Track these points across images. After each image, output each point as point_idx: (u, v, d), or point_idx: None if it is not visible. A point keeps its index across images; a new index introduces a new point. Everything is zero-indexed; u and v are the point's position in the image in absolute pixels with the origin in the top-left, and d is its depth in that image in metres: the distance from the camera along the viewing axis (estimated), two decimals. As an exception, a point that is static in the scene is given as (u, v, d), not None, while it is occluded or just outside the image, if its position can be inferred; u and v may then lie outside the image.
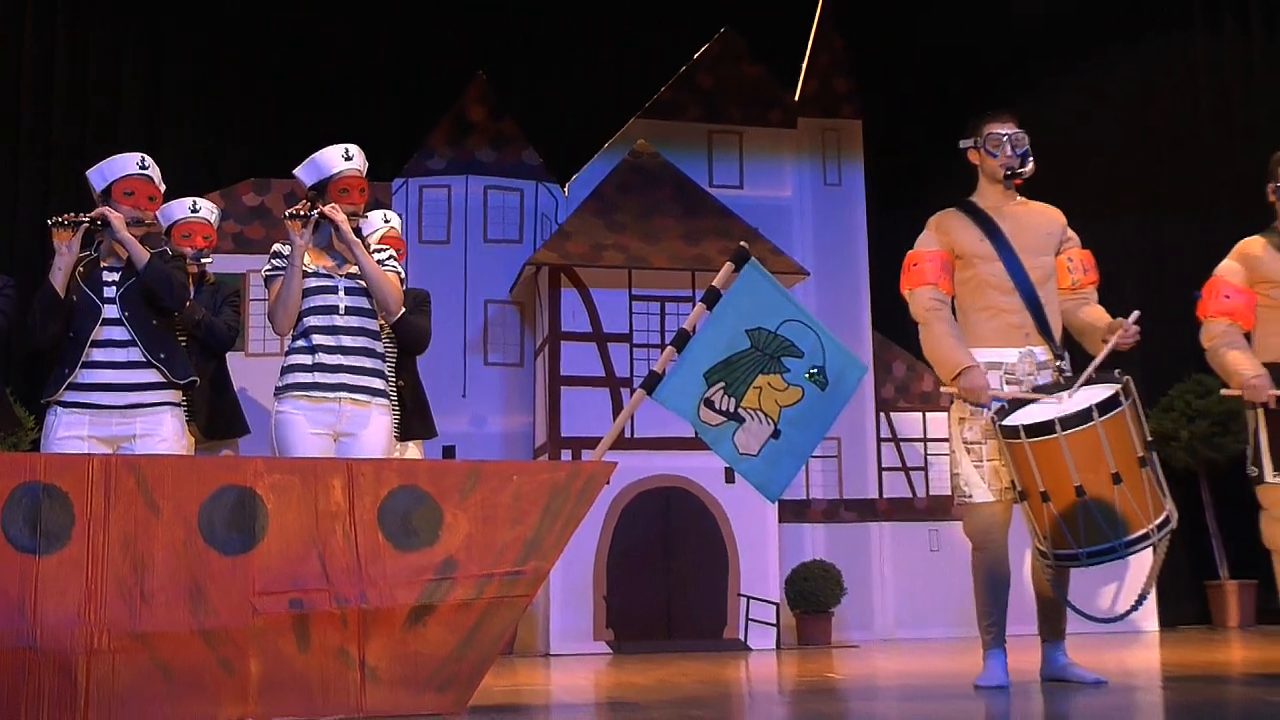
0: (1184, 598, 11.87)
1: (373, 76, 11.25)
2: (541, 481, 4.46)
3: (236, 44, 11.22)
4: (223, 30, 11.20)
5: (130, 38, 11.15)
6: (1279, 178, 5.45)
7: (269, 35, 11.19)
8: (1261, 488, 5.32)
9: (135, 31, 11.15)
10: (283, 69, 11.14)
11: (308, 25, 11.21)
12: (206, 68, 11.27)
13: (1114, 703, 4.30)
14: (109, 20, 11.04)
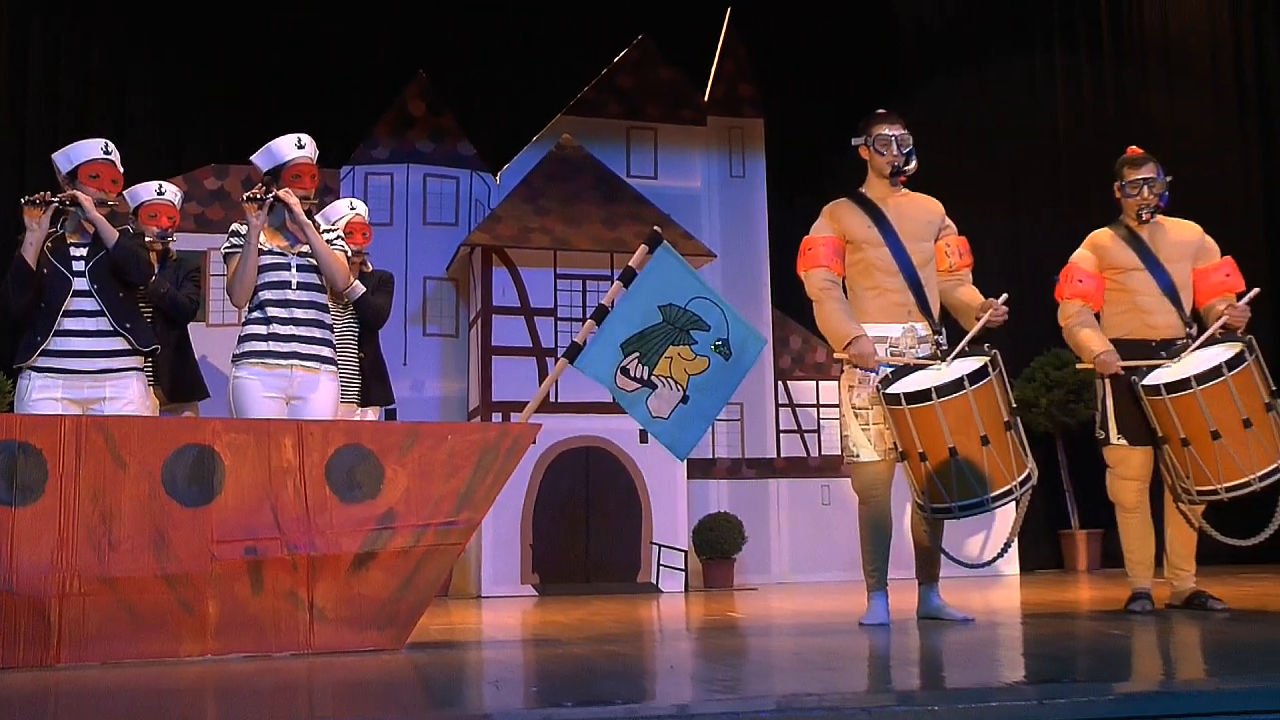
0: (1041, 545, 12.03)
1: (324, 72, 11.11)
2: (473, 441, 4.46)
3: (199, 41, 11.05)
4: (186, 28, 11.02)
5: (98, 37, 10.96)
6: (1124, 177, 5.54)
7: (229, 34, 11.03)
8: (1108, 449, 5.43)
9: (103, 30, 10.97)
10: (242, 65, 11.00)
11: (265, 25, 11.07)
12: (171, 62, 11.10)
13: (980, 637, 4.36)
14: (79, 19, 10.84)
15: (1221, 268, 5.53)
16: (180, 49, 11.08)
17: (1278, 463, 4.96)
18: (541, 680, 3.44)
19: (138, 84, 11.08)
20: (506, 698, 3.00)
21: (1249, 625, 4.49)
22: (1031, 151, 12.97)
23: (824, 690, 2.79)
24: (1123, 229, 5.55)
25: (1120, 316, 5.46)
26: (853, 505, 5.22)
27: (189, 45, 11.07)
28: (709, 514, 10.66)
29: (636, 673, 3.56)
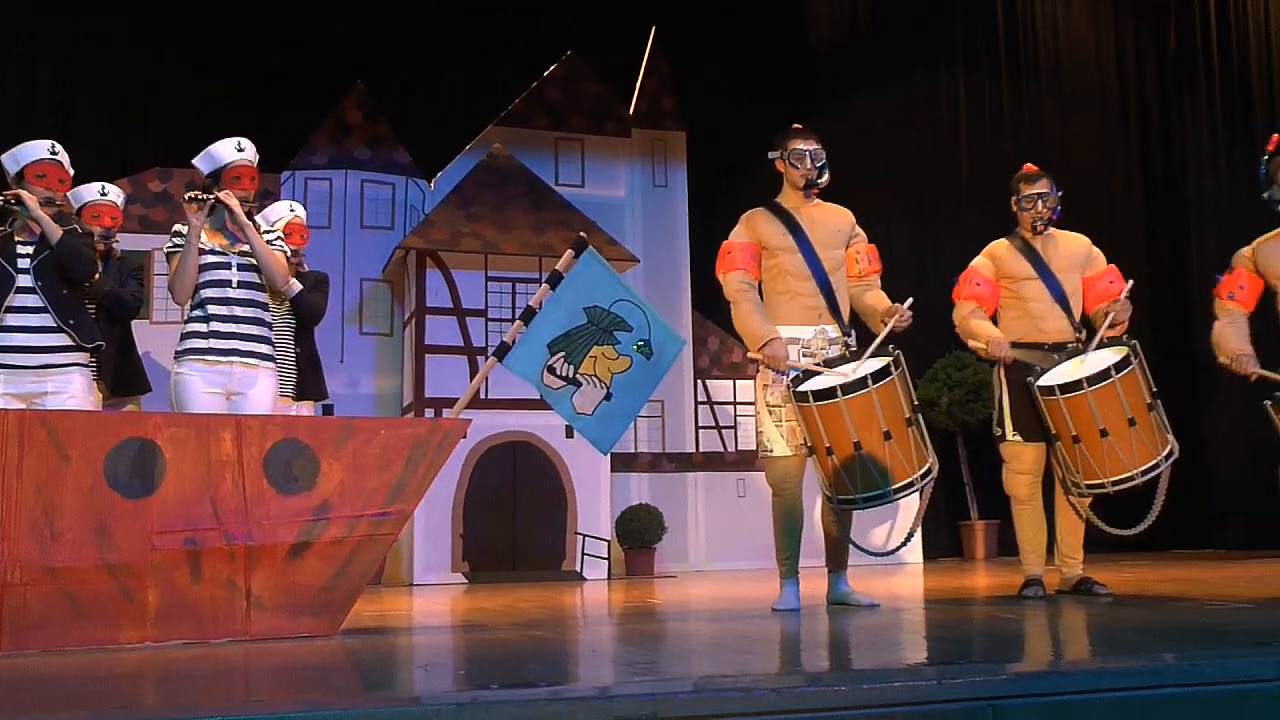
0: (942, 535, 12.20)
1: (267, 81, 10.99)
2: (405, 435, 4.41)
3: (147, 47, 10.88)
4: (134, 34, 10.85)
5: (44, 41, 10.76)
6: (1020, 192, 5.61)
7: (177, 42, 10.88)
8: (1004, 445, 5.50)
9: (49, 34, 10.76)
10: (188, 73, 10.87)
11: (211, 34, 10.93)
12: (118, 68, 10.93)
13: (885, 621, 4.39)
14: (24, 22, 10.62)
15: (1106, 275, 5.63)
16: (127, 54, 10.92)
17: (1157, 459, 5.05)
18: (469, 664, 3.41)
19: (84, 88, 10.88)
20: (435, 681, 2.98)
21: (1130, 609, 4.57)
22: (936, 164, 13.15)
23: (738, 672, 2.79)
24: (1018, 240, 5.62)
25: (1015, 322, 5.53)
26: (766, 497, 5.24)
27: (136, 51, 10.92)
28: (630, 505, 10.68)
29: (560, 656, 3.55)
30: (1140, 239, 13.36)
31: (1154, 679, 2.56)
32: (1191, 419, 11.83)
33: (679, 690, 2.36)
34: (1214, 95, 12.74)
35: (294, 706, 2.27)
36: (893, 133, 13.04)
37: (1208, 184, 12.62)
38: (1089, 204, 12.35)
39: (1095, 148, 13.59)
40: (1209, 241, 12.43)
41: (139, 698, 2.85)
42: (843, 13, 13.22)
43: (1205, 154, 12.69)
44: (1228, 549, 11.54)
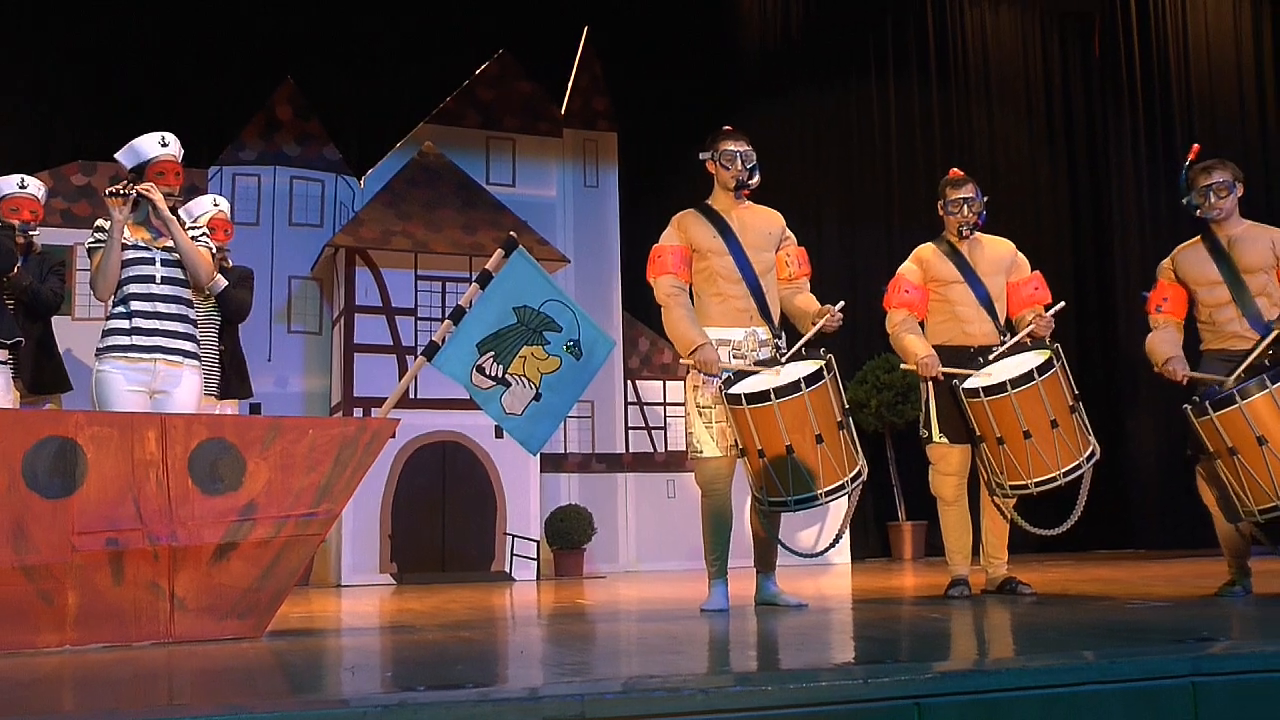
0: (870, 536, 12.31)
1: (194, 75, 10.84)
2: (333, 435, 4.37)
3: (70, 38, 10.68)
4: (57, 25, 10.64)
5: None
6: (947, 197, 5.68)
7: (102, 33, 10.69)
8: (930, 446, 5.56)
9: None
10: (114, 64, 10.69)
11: (137, 26, 10.76)
12: (40, 59, 10.71)
13: (813, 622, 4.42)
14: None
15: (1031, 281, 5.71)
16: (50, 46, 10.72)
17: (1079, 460, 5.14)
18: (397, 666, 3.39)
19: (5, 79, 10.66)
20: (362, 683, 2.95)
21: (1052, 608, 4.64)
22: (865, 168, 13.27)
23: (666, 673, 2.80)
24: (945, 244, 5.68)
25: (941, 325, 5.60)
26: (696, 498, 5.25)
27: (59, 42, 10.72)
28: (560, 506, 10.66)
29: (489, 658, 3.54)
30: (1065, 244, 13.59)
31: (1074, 677, 2.61)
32: (1114, 421, 12.06)
33: (607, 691, 2.37)
34: (1137, 105, 12.98)
35: (217, 710, 2.25)
36: (823, 136, 13.17)
37: (1131, 191, 12.86)
38: (1015, 210, 12.56)
39: (1022, 154, 13.81)
40: (1132, 248, 12.68)
41: (57, 703, 2.80)
42: (774, 16, 13.30)
43: (1128, 162, 12.93)
44: (1147, 548, 11.77)
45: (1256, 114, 12.70)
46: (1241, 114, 12.70)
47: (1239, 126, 12.56)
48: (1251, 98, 12.75)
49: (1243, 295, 5.13)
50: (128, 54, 10.72)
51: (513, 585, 9.21)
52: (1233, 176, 5.23)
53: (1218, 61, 12.89)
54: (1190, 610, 4.29)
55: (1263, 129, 12.63)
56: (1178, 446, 5.41)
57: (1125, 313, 12.45)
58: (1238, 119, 12.65)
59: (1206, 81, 12.85)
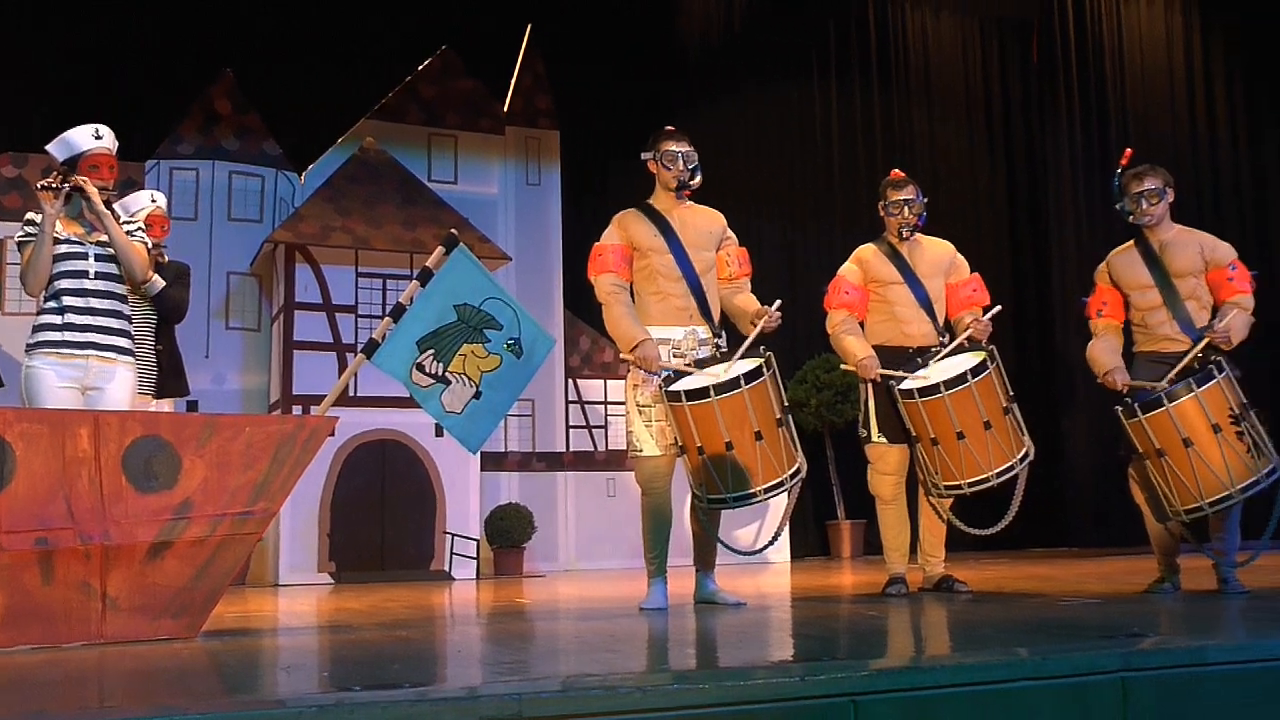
0: (809, 534, 12.38)
1: (130, 66, 10.68)
2: (271, 433, 4.33)
3: (2, 27, 10.48)
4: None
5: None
6: (887, 198, 5.72)
7: (35, 22, 10.50)
8: (869, 446, 5.60)
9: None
10: (45, 53, 10.49)
11: (71, 16, 10.58)
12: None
13: (752, 620, 4.44)
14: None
15: (970, 283, 5.76)
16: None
17: (1012, 461, 5.20)
18: (334, 665, 3.37)
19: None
20: (298, 683, 2.93)
21: (988, 605, 4.69)
22: (807, 169, 13.35)
23: (604, 671, 2.80)
24: (885, 245, 5.73)
25: (881, 325, 5.64)
26: (636, 497, 5.26)
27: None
28: (500, 504, 10.63)
29: (427, 657, 3.52)
30: (1004, 247, 13.74)
31: (1008, 673, 2.64)
32: (1050, 422, 12.21)
33: (546, 689, 2.36)
34: (1073, 110, 13.16)
35: (149, 711, 2.22)
36: (765, 137, 13.22)
37: (1067, 194, 13.03)
38: (955, 212, 12.69)
39: (962, 157, 13.96)
40: (1069, 251, 12.84)
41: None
42: (717, 17, 13.34)
43: (1065, 165, 13.10)
44: (1081, 547, 11.93)
45: (1187, 120, 12.92)
46: (1173, 120, 12.91)
47: (1170, 132, 12.78)
48: (1182, 105, 12.97)
49: (1173, 299, 5.22)
50: (60, 43, 10.54)
51: (452, 584, 9.18)
52: (1164, 183, 5.32)
53: (1150, 69, 13.11)
54: (1121, 607, 4.36)
55: (1193, 135, 12.85)
56: (1111, 447, 5.49)
57: (1062, 315, 12.62)
58: (1169, 125, 12.86)
59: (1140, 88, 13.06)
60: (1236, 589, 4.92)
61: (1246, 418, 4.83)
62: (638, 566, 5.70)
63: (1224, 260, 5.28)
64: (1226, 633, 3.38)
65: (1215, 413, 4.79)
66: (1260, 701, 2.80)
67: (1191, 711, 2.73)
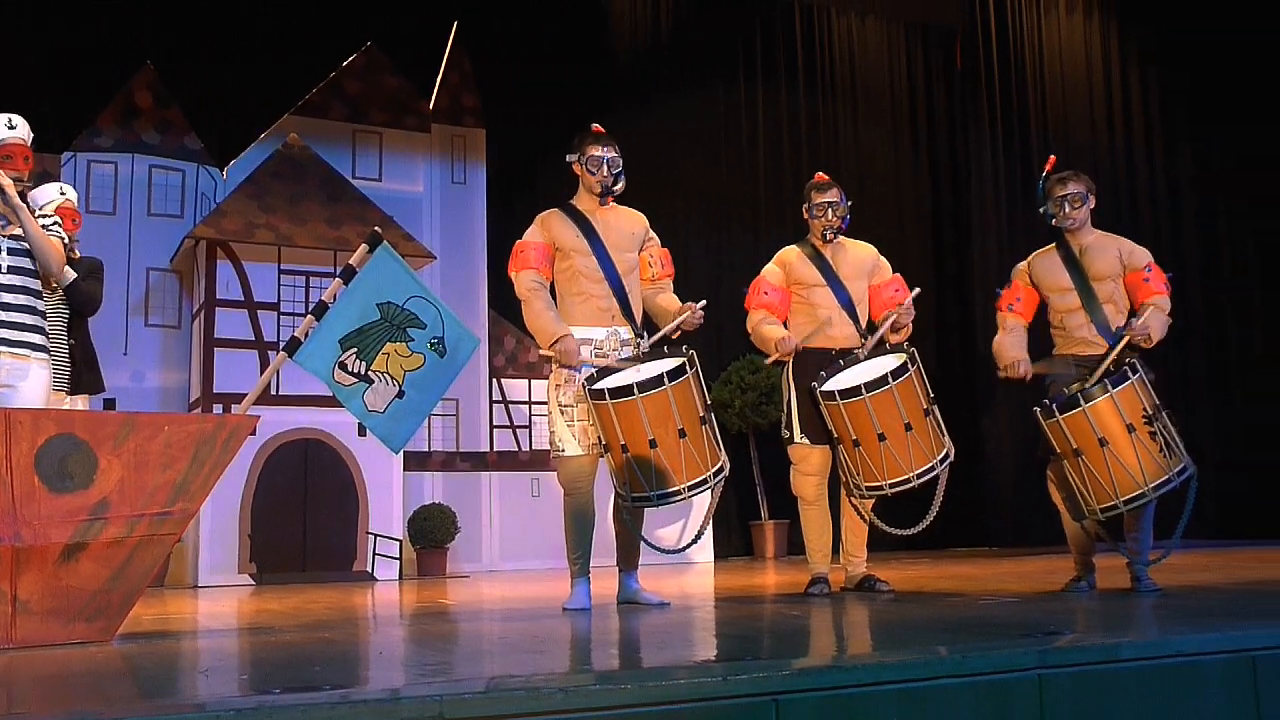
0: (733, 534, 12.44)
1: (47, 56, 10.46)
2: (190, 432, 4.25)
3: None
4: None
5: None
6: (811, 200, 5.76)
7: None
8: (792, 447, 5.64)
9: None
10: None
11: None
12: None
13: (675, 620, 4.45)
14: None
15: (892, 284, 5.82)
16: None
17: (933, 462, 5.26)
18: (254, 668, 3.32)
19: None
20: (217, 686, 2.89)
21: (909, 604, 4.75)
22: (732, 171, 13.41)
23: (527, 672, 2.79)
24: (809, 247, 5.77)
25: (804, 327, 5.67)
26: (559, 497, 5.25)
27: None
28: (423, 505, 10.57)
29: (348, 659, 3.49)
30: (927, 251, 13.92)
31: (928, 671, 2.67)
32: (971, 423, 12.38)
33: (468, 691, 2.35)
34: (996, 116, 13.36)
35: (62, 717, 2.17)
36: (691, 138, 13.27)
37: (990, 199, 13.22)
38: (879, 215, 12.82)
39: (886, 161, 14.11)
40: (990, 255, 13.03)
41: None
42: (644, 18, 13.36)
43: (987, 170, 13.29)
44: (1001, 546, 12.11)
45: (1105, 128, 13.16)
46: (1093, 127, 13.15)
47: (1089, 140, 13.02)
48: (1100, 113, 13.22)
49: (1092, 302, 5.31)
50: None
51: (375, 585, 9.10)
52: (1086, 188, 5.41)
53: (1070, 78, 13.35)
54: (1038, 605, 4.43)
55: (1110, 143, 13.11)
56: (1030, 448, 5.58)
57: (983, 317, 12.78)
58: (1088, 133, 13.10)
59: (1060, 95, 13.29)
60: (1149, 587, 5.03)
61: (1159, 418, 4.93)
62: (561, 567, 5.69)
63: (1140, 263, 5.38)
64: (1139, 630, 3.45)
65: (1130, 413, 4.88)
66: (1171, 697, 2.86)
67: (1106, 707, 2.78)
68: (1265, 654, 2.97)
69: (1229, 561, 7.38)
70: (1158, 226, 12.67)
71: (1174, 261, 11.43)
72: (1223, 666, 2.93)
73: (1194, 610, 4.03)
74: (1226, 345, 12.37)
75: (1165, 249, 11.80)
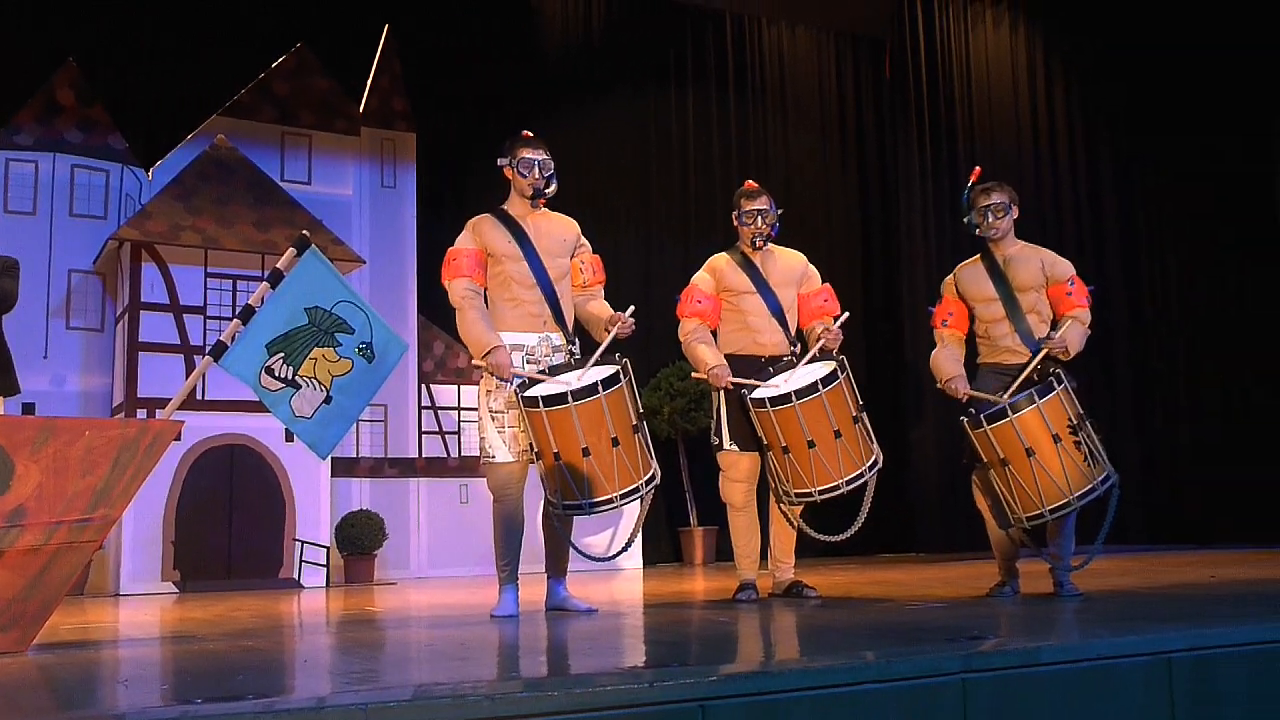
0: (662, 541, 12.45)
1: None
2: (112, 437, 4.18)
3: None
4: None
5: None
6: (741, 208, 5.80)
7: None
8: (721, 454, 5.67)
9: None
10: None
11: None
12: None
13: (603, 626, 4.45)
14: None
15: (821, 293, 5.87)
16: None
17: (861, 469, 5.32)
18: (176, 677, 3.27)
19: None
20: (137, 696, 2.84)
21: (836, 610, 4.78)
22: (663, 178, 13.45)
23: (454, 679, 2.78)
24: (738, 255, 5.81)
25: (734, 334, 5.71)
26: (488, 504, 5.24)
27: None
28: (351, 511, 10.47)
29: (273, 668, 3.45)
30: (855, 259, 14.05)
31: (854, 676, 2.70)
32: (898, 430, 12.50)
33: (395, 699, 2.34)
34: (924, 126, 13.50)
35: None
36: (622, 144, 13.28)
37: (917, 208, 13.35)
38: (808, 223, 12.93)
39: (815, 169, 14.22)
40: (918, 263, 13.17)
41: None
42: (576, 23, 13.35)
43: (915, 180, 13.42)
44: (928, 552, 12.23)
45: (1030, 140, 13.36)
46: (1017, 139, 13.34)
47: (1014, 151, 13.20)
48: (1026, 125, 13.41)
49: (1016, 312, 5.40)
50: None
51: (301, 592, 9.01)
52: (1009, 199, 5.50)
53: (996, 89, 13.53)
54: (963, 610, 4.48)
55: (1035, 154, 13.30)
56: (956, 456, 5.65)
57: (911, 325, 12.92)
58: (1013, 144, 13.29)
59: (987, 106, 13.47)
60: (1071, 592, 5.11)
61: (1084, 428, 5.02)
62: (490, 574, 5.68)
63: (1063, 276, 5.48)
64: (1060, 634, 3.50)
65: (1055, 423, 4.96)
66: (1091, 698, 2.91)
67: (1028, 710, 2.83)
68: (1180, 656, 3.04)
69: (1148, 566, 7.53)
70: (1081, 237, 12.87)
71: (1096, 272, 11.65)
72: (1140, 669, 2.99)
73: (1113, 614, 4.11)
74: (1147, 355, 12.60)
75: (1088, 260, 12.01)
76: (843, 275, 11.85)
